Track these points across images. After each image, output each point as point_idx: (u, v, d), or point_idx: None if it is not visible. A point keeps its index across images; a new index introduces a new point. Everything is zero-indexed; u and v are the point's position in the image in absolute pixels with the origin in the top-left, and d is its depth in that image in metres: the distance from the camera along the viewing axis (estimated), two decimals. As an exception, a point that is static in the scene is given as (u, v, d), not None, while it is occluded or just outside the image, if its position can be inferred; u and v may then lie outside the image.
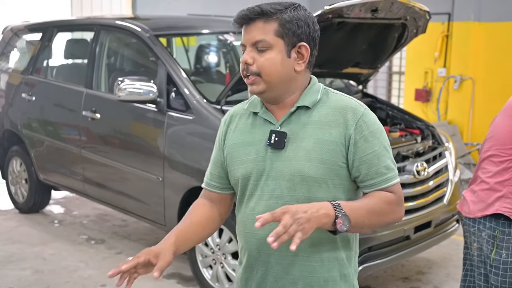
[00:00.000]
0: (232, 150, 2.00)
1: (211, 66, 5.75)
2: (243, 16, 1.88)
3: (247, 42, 1.88)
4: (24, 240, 5.48)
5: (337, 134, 1.87)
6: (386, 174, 1.90)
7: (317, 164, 1.87)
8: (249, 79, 1.89)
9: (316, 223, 1.73)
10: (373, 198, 1.89)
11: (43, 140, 5.76)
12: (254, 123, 1.98)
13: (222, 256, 4.19)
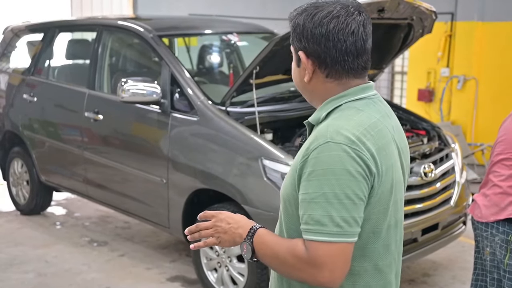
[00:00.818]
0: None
1: (214, 66, 5.70)
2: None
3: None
4: (26, 243, 5.43)
5: (296, 161, 1.68)
6: (308, 224, 1.60)
7: (285, 189, 1.74)
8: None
9: (232, 238, 1.71)
10: (286, 243, 1.67)
11: (44, 141, 5.72)
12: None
13: (228, 259, 4.15)
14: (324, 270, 1.59)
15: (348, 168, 1.57)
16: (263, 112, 4.28)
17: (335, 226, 1.57)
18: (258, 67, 4.06)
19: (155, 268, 4.87)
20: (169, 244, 5.39)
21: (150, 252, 5.22)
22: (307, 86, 1.76)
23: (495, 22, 7.47)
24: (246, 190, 3.93)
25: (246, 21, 6.21)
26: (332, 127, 1.63)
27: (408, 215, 4.01)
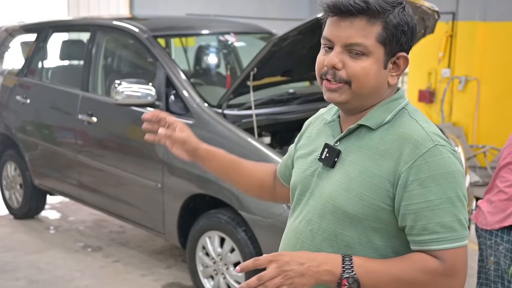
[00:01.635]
0: (296, 156, 1.83)
1: (211, 67, 5.58)
2: (343, 5, 1.53)
3: (339, 40, 1.56)
4: (18, 248, 5.31)
5: (386, 168, 1.55)
6: (438, 233, 1.49)
7: (355, 199, 1.57)
8: (333, 85, 1.58)
9: (314, 279, 1.48)
10: (404, 262, 1.53)
11: (38, 144, 5.59)
12: (322, 131, 1.76)
13: (224, 267, 4.03)
14: (460, 276, 1.52)
15: (460, 170, 1.55)
16: (261, 115, 4.17)
17: (464, 229, 1.51)
18: (256, 68, 3.94)
19: (150, 275, 4.75)
20: (165, 250, 5.27)
21: (145, 258, 5.10)
22: (384, 89, 1.62)
23: (497, 22, 7.36)
24: (243, 196, 3.81)
25: (244, 21, 6.09)
26: (429, 130, 1.57)
27: (411, 221, 3.88)
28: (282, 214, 3.61)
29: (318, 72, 1.63)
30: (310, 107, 4.48)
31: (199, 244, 4.15)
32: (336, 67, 1.57)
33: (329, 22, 1.60)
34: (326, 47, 1.60)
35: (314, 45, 4.09)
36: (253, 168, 2.03)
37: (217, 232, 4.03)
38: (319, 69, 1.62)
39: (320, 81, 1.63)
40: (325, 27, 1.62)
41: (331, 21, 1.59)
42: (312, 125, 1.83)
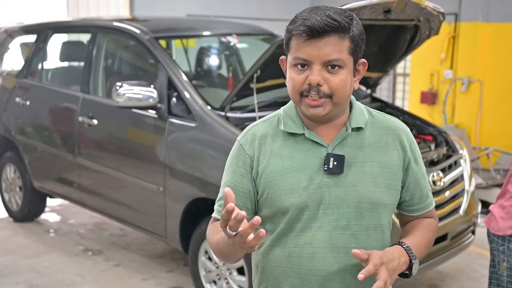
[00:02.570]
0: (275, 178, 1.75)
1: (213, 69, 5.52)
2: (319, 27, 1.63)
3: (318, 58, 1.66)
4: (18, 251, 5.25)
5: (396, 157, 1.79)
6: (429, 196, 1.91)
7: (386, 190, 1.77)
8: (317, 101, 1.68)
9: (398, 272, 1.70)
10: (424, 230, 1.87)
11: (37, 146, 5.53)
12: (297, 145, 1.77)
13: (227, 272, 3.97)
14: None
15: None
16: (264, 117, 4.10)
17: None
18: (259, 70, 3.88)
19: (151, 279, 4.69)
20: (166, 253, 5.21)
21: (147, 261, 5.04)
22: (350, 96, 1.78)
23: (500, 23, 7.31)
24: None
25: (244, 22, 6.03)
26: (398, 120, 1.88)
27: (417, 225, 3.83)
28: (287, 219, 3.54)
29: (298, 90, 1.70)
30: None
31: (201, 248, 4.10)
32: (319, 84, 1.66)
33: (301, 44, 1.66)
34: (299, 65, 1.69)
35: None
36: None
37: (220, 237, 3.97)
38: (298, 87, 1.69)
39: (299, 98, 1.70)
40: (292, 48, 1.69)
41: (302, 41, 1.66)
42: (267, 142, 1.79)
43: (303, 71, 1.69)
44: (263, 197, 1.77)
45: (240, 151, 1.81)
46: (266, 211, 1.78)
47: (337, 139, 1.76)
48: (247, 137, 1.83)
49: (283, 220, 1.76)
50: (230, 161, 1.84)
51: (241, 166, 1.80)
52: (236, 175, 1.80)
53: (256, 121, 1.87)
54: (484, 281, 4.73)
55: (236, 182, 1.79)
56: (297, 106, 1.75)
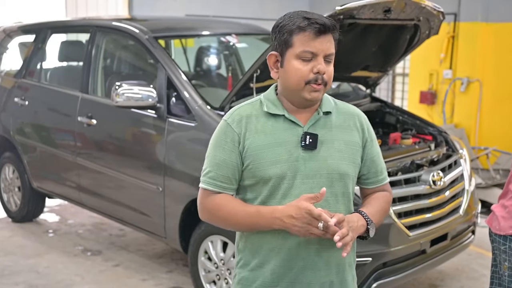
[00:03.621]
0: (260, 151, 2.05)
1: (212, 69, 5.51)
2: (327, 25, 1.98)
3: (322, 51, 1.99)
4: (17, 252, 5.23)
5: (357, 137, 2.15)
6: (384, 172, 2.25)
7: (350, 163, 2.11)
8: (319, 86, 2.01)
9: (357, 233, 2.03)
10: (378, 200, 2.21)
11: (36, 146, 5.52)
12: (278, 124, 2.07)
13: (227, 271, 3.96)
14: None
15: None
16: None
17: None
18: (259, 70, 3.87)
19: (151, 279, 4.68)
20: (166, 253, 5.20)
21: (146, 261, 5.03)
22: None
23: (499, 23, 7.31)
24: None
25: (244, 22, 6.02)
26: (354, 107, 2.23)
27: (417, 225, 3.83)
28: (287, 219, 3.53)
29: (305, 79, 2.00)
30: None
31: (201, 248, 4.09)
32: (323, 72, 2.00)
33: (308, 38, 1.98)
34: (305, 58, 1.99)
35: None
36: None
37: (220, 237, 3.97)
38: (305, 76, 1.99)
39: (303, 86, 2.01)
40: (298, 42, 1.98)
41: (311, 37, 1.97)
42: (252, 121, 2.08)
43: (308, 63, 1.99)
44: (248, 168, 2.06)
45: (228, 129, 2.08)
46: (249, 181, 2.07)
47: (311, 121, 2.08)
48: (234, 117, 2.10)
49: (265, 188, 2.05)
50: (218, 138, 2.09)
51: (230, 142, 2.07)
52: (226, 150, 2.07)
53: (241, 105, 2.14)
54: (484, 281, 4.73)
55: (226, 157, 2.07)
56: (297, 92, 2.03)
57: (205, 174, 2.10)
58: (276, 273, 2.09)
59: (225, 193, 2.09)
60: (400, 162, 4.07)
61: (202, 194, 2.12)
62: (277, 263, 2.08)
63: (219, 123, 2.12)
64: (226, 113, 2.13)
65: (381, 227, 3.57)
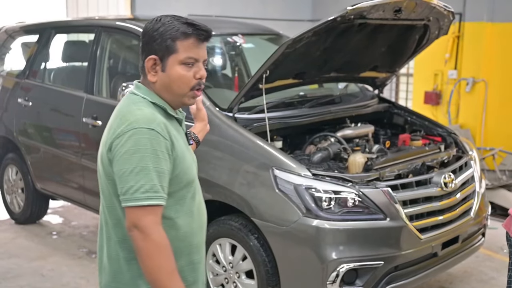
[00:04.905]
0: (183, 156, 2.08)
1: (218, 69, 5.45)
2: (209, 33, 2.06)
3: (202, 58, 2.08)
4: (21, 254, 5.18)
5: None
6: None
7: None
8: (199, 93, 2.11)
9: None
10: None
11: (40, 147, 5.46)
12: (178, 127, 2.16)
13: (236, 275, 3.91)
14: (143, 239, 2.01)
15: None
16: (273, 119, 4.04)
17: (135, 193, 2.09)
18: (268, 71, 3.82)
19: (157, 282, 4.62)
20: (171, 256, 5.14)
21: (151, 264, 4.97)
22: None
23: (505, 23, 7.26)
24: (256, 202, 3.69)
25: (248, 22, 5.97)
26: None
27: (428, 228, 3.77)
28: (297, 221, 3.49)
29: (190, 84, 2.06)
30: (322, 110, 4.37)
31: (209, 251, 4.03)
32: (204, 77, 2.09)
33: (192, 45, 2.03)
34: (189, 64, 2.05)
35: (328, 46, 4.01)
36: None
37: (228, 240, 3.91)
38: (190, 82, 2.06)
39: (187, 92, 2.07)
40: (182, 48, 2.03)
41: (195, 44, 2.04)
42: (169, 127, 2.06)
43: (190, 68, 2.06)
44: (175, 174, 2.04)
45: (160, 138, 1.98)
46: (174, 187, 2.05)
47: (183, 122, 2.21)
48: (160, 125, 2.00)
49: (187, 192, 2.10)
50: (153, 148, 1.95)
51: (165, 152, 2.00)
52: (162, 160, 1.98)
53: (143, 111, 2.01)
54: (493, 283, 4.69)
55: (163, 167, 1.98)
56: (179, 98, 2.09)
57: (147, 189, 1.92)
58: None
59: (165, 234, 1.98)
60: (410, 163, 4.02)
61: (147, 213, 1.93)
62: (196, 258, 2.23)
63: (143, 131, 1.95)
64: (142, 121, 1.97)
65: (392, 230, 3.57)
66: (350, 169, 3.85)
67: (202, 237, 2.24)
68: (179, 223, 2.09)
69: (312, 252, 3.49)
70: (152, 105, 2.06)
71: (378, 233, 3.54)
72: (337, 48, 4.11)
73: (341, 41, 4.02)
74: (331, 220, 3.47)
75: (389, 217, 3.55)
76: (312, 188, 3.51)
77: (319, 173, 3.62)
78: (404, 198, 3.68)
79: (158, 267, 1.93)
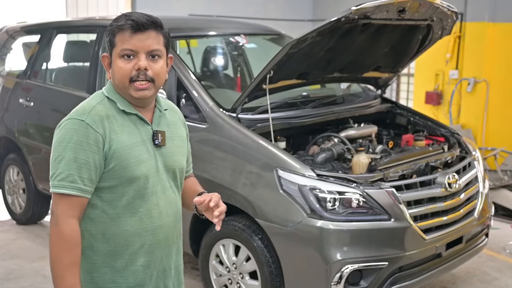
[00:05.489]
0: (125, 152, 2.04)
1: (220, 70, 5.44)
2: (138, 22, 2.00)
3: (142, 49, 2.02)
4: (22, 255, 5.16)
5: (184, 131, 2.30)
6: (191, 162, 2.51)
7: (184, 158, 2.28)
8: (145, 85, 2.04)
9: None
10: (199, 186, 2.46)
11: (41, 148, 5.44)
12: (133, 123, 2.10)
13: (239, 276, 3.90)
14: (54, 225, 2.06)
15: None
16: (276, 119, 4.03)
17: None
18: (272, 71, 3.81)
19: (159, 283, 4.61)
20: (173, 256, 5.13)
21: (154, 265, 4.96)
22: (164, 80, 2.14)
23: (507, 22, 7.25)
24: (259, 203, 3.69)
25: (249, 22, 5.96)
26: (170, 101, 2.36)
27: (433, 228, 3.77)
28: (302, 222, 3.48)
29: (127, 76, 2.03)
30: (325, 110, 4.37)
31: (212, 252, 4.03)
32: (146, 68, 2.03)
33: (126, 36, 2.01)
34: (126, 56, 2.03)
35: (331, 47, 4.00)
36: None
37: (232, 240, 3.90)
38: (127, 73, 2.03)
39: (128, 84, 2.04)
40: (118, 41, 2.03)
41: (128, 35, 2.01)
42: (112, 121, 2.05)
43: (130, 60, 2.03)
44: (113, 169, 2.03)
45: (89, 129, 2.00)
46: (112, 182, 2.04)
47: (156, 119, 2.16)
48: (93, 117, 2.02)
49: (130, 189, 2.06)
50: (76, 139, 1.98)
51: (93, 144, 2.00)
52: (87, 152, 1.99)
53: (86, 103, 2.09)
54: (496, 284, 4.68)
55: (89, 159, 1.99)
56: (125, 91, 2.06)
57: (63, 178, 1.98)
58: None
59: (79, 229, 2.01)
60: (414, 164, 4.02)
61: (61, 201, 1.99)
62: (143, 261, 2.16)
63: (72, 122, 2.01)
64: (76, 113, 2.04)
65: (397, 231, 3.57)
66: (354, 170, 3.84)
67: (154, 241, 2.14)
68: (118, 220, 2.07)
69: (316, 252, 3.48)
70: (107, 99, 2.09)
71: (382, 233, 3.53)
72: (341, 49, 4.11)
73: (344, 42, 4.02)
74: (335, 221, 3.46)
75: (393, 217, 3.54)
76: (317, 189, 3.50)
77: (323, 173, 3.61)
78: (408, 199, 3.67)
79: (56, 256, 1.97)
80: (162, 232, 2.16)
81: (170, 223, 2.18)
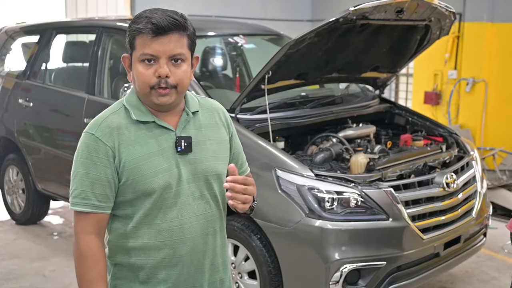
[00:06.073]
0: (137, 164, 1.94)
1: (218, 70, 5.45)
2: (158, 26, 1.87)
3: (163, 54, 1.89)
4: (22, 255, 5.18)
5: (224, 133, 2.11)
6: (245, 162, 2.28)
7: (224, 162, 2.07)
8: (166, 91, 1.91)
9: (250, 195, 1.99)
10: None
11: (41, 148, 5.46)
12: (150, 132, 1.98)
13: (238, 275, 3.91)
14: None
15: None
16: (275, 119, 4.05)
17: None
18: (271, 71, 3.82)
19: (159, 283, 4.62)
20: (173, 256, 5.15)
21: (153, 265, 4.97)
22: (189, 84, 1.99)
23: (505, 23, 7.27)
24: (258, 203, 3.67)
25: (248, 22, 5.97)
26: (214, 100, 2.19)
27: (431, 228, 3.78)
28: (300, 222, 3.50)
29: (148, 83, 1.90)
30: (323, 110, 4.38)
31: (211, 252, 4.03)
32: (167, 76, 1.89)
33: (146, 40, 1.88)
34: (146, 61, 1.90)
35: (330, 47, 4.02)
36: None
37: (231, 240, 3.91)
38: (148, 80, 1.90)
39: (149, 90, 1.91)
40: (138, 45, 1.90)
41: (148, 38, 1.88)
42: (123, 132, 1.95)
43: (151, 66, 1.90)
44: (127, 183, 1.94)
45: (99, 143, 1.93)
46: (129, 196, 1.95)
47: (181, 123, 2.00)
48: (102, 129, 1.94)
49: (147, 201, 1.94)
50: (87, 154, 1.93)
51: (103, 157, 1.92)
52: (99, 167, 1.92)
53: (102, 114, 2.00)
54: (494, 283, 4.69)
55: (100, 174, 1.92)
56: (146, 97, 1.94)
57: (76, 195, 1.93)
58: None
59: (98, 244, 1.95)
60: (412, 164, 4.03)
61: (77, 218, 1.96)
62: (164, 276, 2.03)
63: (85, 136, 1.96)
64: (89, 125, 1.97)
65: (395, 230, 3.58)
66: (352, 170, 3.85)
67: (176, 255, 2.00)
68: (137, 233, 1.98)
69: (315, 252, 3.50)
70: (123, 108, 2.00)
71: (380, 233, 3.55)
72: (339, 49, 4.12)
73: (343, 42, 4.03)
74: (333, 221, 3.48)
75: (391, 217, 3.55)
76: (315, 189, 3.52)
77: (322, 173, 3.63)
78: (407, 199, 3.69)
79: (78, 273, 1.95)
80: (185, 247, 1.99)
81: (196, 237, 2.00)
